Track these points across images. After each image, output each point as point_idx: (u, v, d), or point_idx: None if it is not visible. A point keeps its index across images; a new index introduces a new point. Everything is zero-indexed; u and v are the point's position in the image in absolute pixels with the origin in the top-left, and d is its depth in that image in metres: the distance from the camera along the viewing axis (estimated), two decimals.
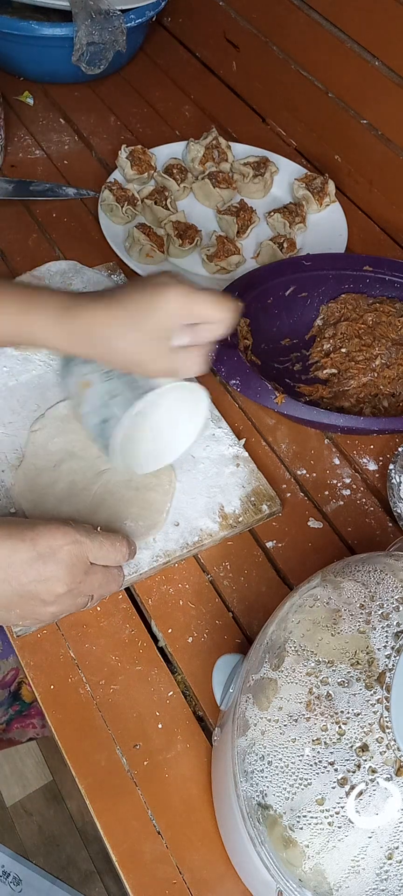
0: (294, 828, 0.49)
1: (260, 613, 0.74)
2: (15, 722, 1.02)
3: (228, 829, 0.59)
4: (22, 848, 1.41)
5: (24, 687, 0.99)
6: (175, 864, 0.61)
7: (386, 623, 0.52)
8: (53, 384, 0.88)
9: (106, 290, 0.72)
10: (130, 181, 1.14)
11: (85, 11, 1.20)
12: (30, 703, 1.00)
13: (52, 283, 0.95)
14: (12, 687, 0.97)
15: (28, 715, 1.02)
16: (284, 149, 1.28)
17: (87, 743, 0.66)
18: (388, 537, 0.82)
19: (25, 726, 1.04)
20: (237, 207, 1.11)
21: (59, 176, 1.17)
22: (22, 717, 1.02)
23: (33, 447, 0.81)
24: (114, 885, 1.38)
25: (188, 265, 1.06)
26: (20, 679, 0.97)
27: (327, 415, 0.84)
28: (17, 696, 0.99)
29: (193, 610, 0.74)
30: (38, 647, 0.70)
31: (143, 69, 1.41)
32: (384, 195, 1.19)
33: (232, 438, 0.86)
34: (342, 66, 1.20)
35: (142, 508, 0.78)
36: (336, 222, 1.15)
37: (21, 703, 1.00)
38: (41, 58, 1.28)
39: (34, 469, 0.80)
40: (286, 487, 0.84)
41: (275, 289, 0.98)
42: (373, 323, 0.96)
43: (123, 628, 0.72)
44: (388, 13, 1.10)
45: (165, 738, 0.66)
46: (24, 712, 1.01)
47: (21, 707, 1.00)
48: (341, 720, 0.49)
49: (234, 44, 1.39)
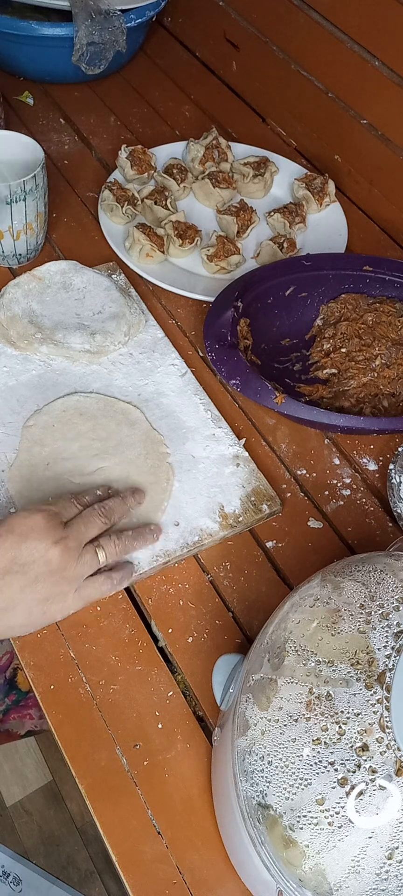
0: (294, 828, 0.49)
1: (260, 613, 0.74)
2: (12, 712, 1.01)
3: (228, 829, 0.59)
4: (22, 848, 1.42)
5: (19, 674, 0.98)
6: (175, 864, 0.61)
7: (386, 623, 0.52)
8: (53, 384, 0.88)
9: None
10: (130, 181, 1.14)
11: (85, 11, 1.20)
12: (26, 692, 1.00)
13: (52, 283, 0.95)
14: (7, 673, 0.97)
15: (25, 706, 1.02)
16: (284, 149, 1.28)
17: (87, 743, 0.66)
18: (388, 537, 0.82)
19: (22, 717, 1.03)
20: (237, 207, 1.11)
21: (59, 176, 1.17)
22: (19, 708, 1.02)
23: (27, 444, 0.81)
24: (114, 885, 1.39)
25: (188, 265, 1.06)
26: (15, 665, 0.97)
27: (327, 415, 0.84)
28: (13, 685, 0.98)
29: (193, 610, 0.74)
30: (38, 647, 0.70)
31: (143, 69, 1.41)
32: (384, 195, 1.19)
33: (233, 438, 0.86)
34: (342, 66, 1.20)
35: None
36: (336, 222, 1.15)
37: (17, 692, 1.00)
38: (41, 58, 1.28)
39: (28, 466, 0.80)
40: (286, 487, 0.84)
41: (275, 289, 0.98)
42: (373, 323, 0.96)
43: (123, 628, 0.72)
44: (388, 13, 1.10)
45: (165, 738, 0.66)
46: (21, 702, 1.01)
47: (17, 696, 1.00)
48: (341, 720, 0.49)
49: (234, 44, 1.39)
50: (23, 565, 0.64)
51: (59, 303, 0.94)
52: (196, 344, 0.97)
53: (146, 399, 0.88)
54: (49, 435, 0.83)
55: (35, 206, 0.98)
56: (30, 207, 0.97)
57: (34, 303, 0.93)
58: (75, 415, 0.85)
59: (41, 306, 0.93)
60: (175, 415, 0.87)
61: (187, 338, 0.98)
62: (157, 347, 0.94)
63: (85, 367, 0.90)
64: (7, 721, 1.02)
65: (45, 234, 1.05)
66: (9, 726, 1.03)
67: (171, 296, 1.02)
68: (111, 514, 0.72)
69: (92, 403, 0.86)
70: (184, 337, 0.98)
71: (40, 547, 0.65)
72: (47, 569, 0.65)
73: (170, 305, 1.01)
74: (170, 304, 1.01)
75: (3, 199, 0.94)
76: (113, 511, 0.72)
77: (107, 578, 0.70)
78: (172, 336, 0.96)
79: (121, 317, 0.93)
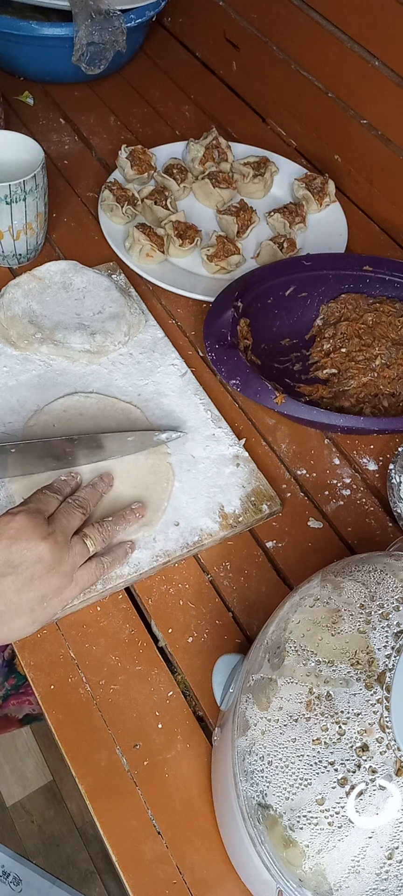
0: (294, 828, 0.49)
1: (260, 613, 0.74)
2: (11, 699, 1.01)
3: (228, 829, 0.59)
4: (22, 848, 1.42)
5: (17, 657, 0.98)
6: (175, 864, 0.61)
7: (386, 623, 0.52)
8: (53, 384, 0.88)
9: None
10: (130, 181, 1.14)
11: (85, 11, 1.20)
12: (25, 676, 1.00)
13: (52, 282, 0.95)
14: (6, 654, 0.97)
15: (25, 692, 1.02)
16: (284, 149, 1.28)
17: (87, 743, 0.66)
18: (388, 537, 0.82)
19: (22, 702, 1.03)
20: (237, 207, 1.11)
21: (59, 176, 1.17)
22: (19, 694, 1.01)
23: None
24: (114, 885, 1.39)
25: (188, 265, 1.06)
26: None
27: (327, 415, 0.84)
28: (12, 668, 0.98)
29: (193, 610, 0.74)
30: (38, 647, 0.70)
31: (143, 69, 1.41)
32: (384, 195, 1.19)
33: (233, 438, 0.86)
34: (342, 66, 1.20)
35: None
36: (337, 222, 1.15)
37: (17, 676, 0.99)
38: (41, 58, 1.29)
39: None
40: (286, 487, 0.84)
41: (275, 289, 0.98)
42: (373, 323, 0.96)
43: (123, 628, 0.72)
44: (388, 13, 1.10)
45: (165, 738, 0.66)
46: (21, 687, 1.01)
47: (17, 680, 1.00)
48: (341, 720, 0.49)
49: (234, 44, 1.39)
50: (15, 567, 0.64)
51: (59, 303, 0.94)
52: (196, 344, 0.97)
53: (146, 399, 0.88)
54: (49, 435, 0.83)
55: (35, 206, 0.98)
56: (30, 207, 0.97)
57: (34, 303, 0.93)
58: (75, 415, 0.85)
59: (41, 306, 0.93)
60: (175, 415, 0.87)
61: (187, 338, 0.98)
62: (157, 347, 0.94)
63: (85, 367, 0.90)
64: (6, 707, 1.02)
65: (45, 234, 1.05)
66: (8, 711, 1.03)
67: (171, 296, 1.02)
68: (86, 503, 0.74)
69: (92, 403, 0.86)
70: (184, 337, 0.98)
71: (30, 546, 0.65)
72: (42, 566, 0.65)
73: (170, 305, 1.01)
74: (170, 304, 1.01)
75: (3, 199, 0.94)
76: (87, 501, 0.74)
77: (99, 563, 0.71)
78: (172, 336, 0.96)
79: (121, 317, 0.93)
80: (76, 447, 0.78)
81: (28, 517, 0.66)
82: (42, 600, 0.66)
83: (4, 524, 0.66)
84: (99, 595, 0.72)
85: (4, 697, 1.00)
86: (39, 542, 0.65)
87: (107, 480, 0.78)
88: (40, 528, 0.66)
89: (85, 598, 0.71)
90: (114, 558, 0.73)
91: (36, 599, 0.65)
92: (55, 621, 0.71)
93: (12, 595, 0.64)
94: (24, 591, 0.64)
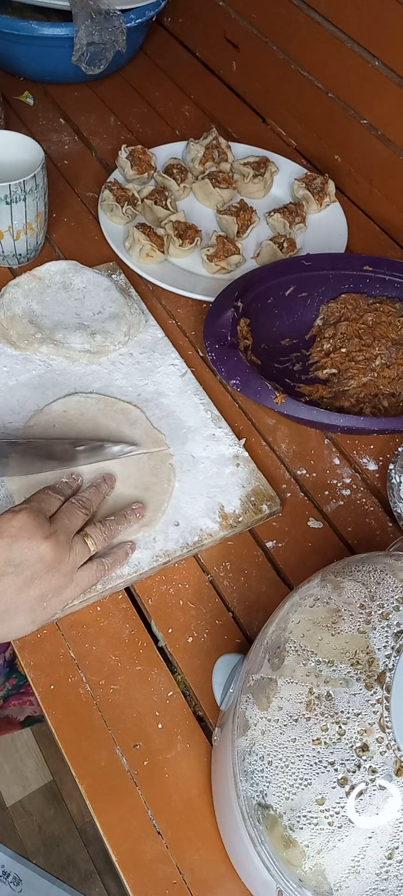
0: (294, 828, 0.49)
1: (260, 613, 0.74)
2: (12, 699, 1.01)
3: (228, 829, 0.59)
4: (22, 848, 1.42)
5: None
6: (175, 864, 0.61)
7: (386, 623, 0.52)
8: (53, 384, 0.88)
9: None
10: (130, 181, 1.14)
11: (85, 11, 1.20)
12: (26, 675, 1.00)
13: (52, 282, 0.95)
14: (7, 654, 0.97)
15: (26, 692, 1.02)
16: (284, 149, 1.28)
17: (87, 743, 0.66)
18: (388, 537, 0.82)
19: (23, 703, 1.03)
20: (237, 207, 1.11)
21: (59, 176, 1.17)
22: (19, 694, 1.01)
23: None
24: (114, 885, 1.39)
25: (188, 265, 1.06)
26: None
27: (327, 415, 0.84)
28: (13, 667, 0.98)
29: (193, 610, 0.74)
30: (38, 647, 0.70)
31: (143, 69, 1.41)
32: (384, 195, 1.19)
33: (233, 438, 0.86)
34: (342, 66, 1.20)
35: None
36: (337, 222, 1.15)
37: (18, 676, 0.99)
38: (41, 58, 1.29)
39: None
40: (286, 487, 0.84)
41: (275, 289, 0.98)
42: (373, 323, 0.96)
43: (123, 628, 0.72)
44: (388, 13, 1.10)
45: (165, 738, 0.66)
46: (22, 688, 1.01)
47: (18, 680, 0.99)
48: (341, 720, 0.49)
49: (234, 44, 1.39)
50: (17, 566, 0.64)
51: (59, 303, 0.94)
52: (196, 344, 0.97)
53: (146, 399, 0.88)
54: (50, 435, 0.83)
55: (35, 206, 0.98)
56: (30, 207, 0.97)
57: (34, 303, 0.93)
58: (76, 415, 0.85)
59: (41, 306, 0.93)
60: (175, 415, 0.87)
61: (187, 338, 0.98)
62: (157, 347, 0.94)
63: (85, 367, 0.90)
64: (7, 707, 1.02)
65: (45, 234, 1.05)
66: (9, 713, 1.03)
67: (171, 296, 1.02)
68: (90, 504, 0.74)
69: (92, 403, 0.86)
70: (184, 337, 0.98)
71: (32, 545, 0.65)
72: (42, 565, 0.65)
73: (170, 305, 1.01)
74: (170, 304, 1.01)
75: (3, 199, 0.94)
76: (91, 501, 0.74)
77: (100, 564, 0.71)
78: (172, 336, 0.96)
79: (121, 317, 0.93)
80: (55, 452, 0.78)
81: (30, 516, 0.66)
82: (42, 599, 0.66)
83: (6, 522, 0.66)
84: (99, 595, 0.73)
85: (5, 697, 1.00)
86: (41, 542, 0.65)
87: (110, 482, 0.78)
88: (42, 528, 0.66)
89: (85, 598, 0.71)
90: (114, 559, 0.73)
91: (36, 598, 0.65)
92: (55, 621, 0.71)
93: (13, 594, 0.64)
94: (24, 589, 0.64)
